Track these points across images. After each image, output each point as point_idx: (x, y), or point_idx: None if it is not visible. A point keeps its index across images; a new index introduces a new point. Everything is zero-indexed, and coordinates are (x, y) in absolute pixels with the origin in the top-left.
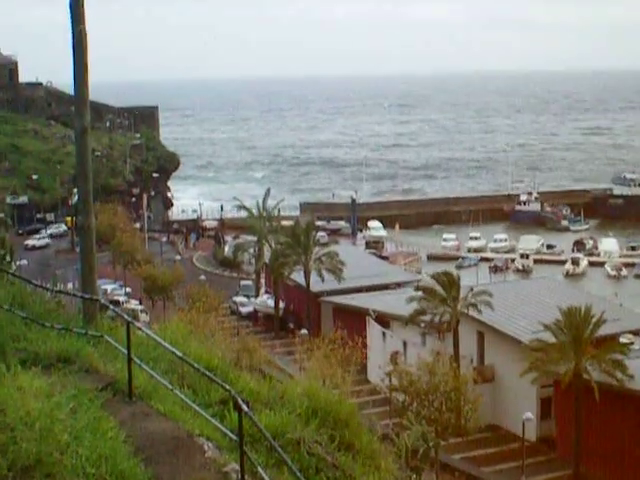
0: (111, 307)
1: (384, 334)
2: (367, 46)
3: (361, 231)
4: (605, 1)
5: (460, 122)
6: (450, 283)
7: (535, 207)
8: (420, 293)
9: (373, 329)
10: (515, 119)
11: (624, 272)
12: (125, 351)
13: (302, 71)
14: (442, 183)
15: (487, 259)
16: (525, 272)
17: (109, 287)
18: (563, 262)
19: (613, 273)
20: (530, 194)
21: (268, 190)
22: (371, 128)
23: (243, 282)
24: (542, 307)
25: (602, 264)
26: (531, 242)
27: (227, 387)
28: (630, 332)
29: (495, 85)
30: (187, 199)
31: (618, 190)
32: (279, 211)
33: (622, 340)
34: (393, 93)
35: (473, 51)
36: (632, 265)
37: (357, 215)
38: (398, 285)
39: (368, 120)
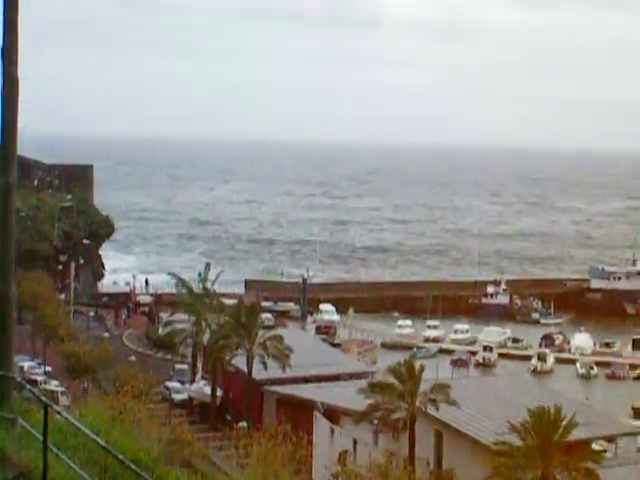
0: (28, 387)
1: (332, 430)
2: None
3: (311, 314)
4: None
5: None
6: (410, 375)
7: (503, 299)
8: (375, 387)
9: (320, 424)
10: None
11: (595, 371)
12: (41, 437)
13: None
14: (401, 266)
15: (447, 351)
16: (488, 367)
17: (26, 364)
18: (529, 357)
19: (582, 372)
20: (497, 284)
21: (208, 265)
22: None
23: (178, 366)
24: (508, 407)
25: (573, 361)
26: (494, 334)
27: None
28: (603, 438)
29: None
30: (120, 271)
31: (596, 283)
32: (214, 288)
33: (595, 447)
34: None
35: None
36: (607, 364)
37: (308, 297)
38: (350, 376)
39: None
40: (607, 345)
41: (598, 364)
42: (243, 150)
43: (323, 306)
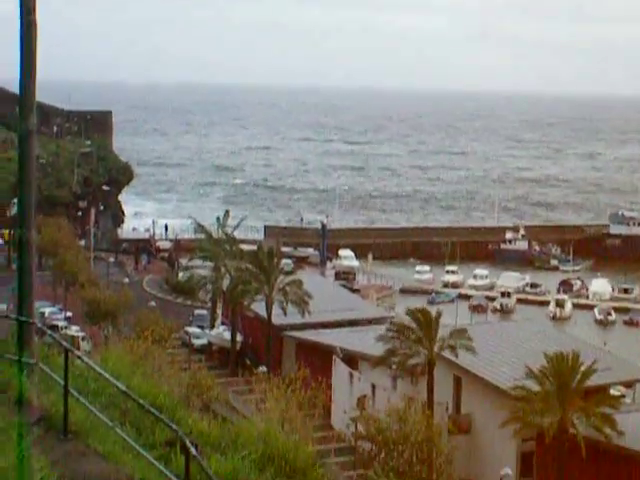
0: (49, 332)
1: (351, 375)
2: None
3: (331, 260)
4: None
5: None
6: (427, 322)
7: (522, 246)
8: (392, 332)
9: (339, 369)
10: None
11: (612, 317)
12: (62, 382)
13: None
14: (420, 213)
15: (465, 296)
16: (506, 312)
17: (47, 310)
18: (548, 303)
19: (600, 317)
20: (516, 230)
21: (227, 211)
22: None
23: (197, 311)
24: (527, 352)
25: (591, 307)
26: (512, 280)
27: (174, 427)
28: (622, 384)
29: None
30: (140, 217)
31: (615, 229)
32: (234, 234)
33: (612, 392)
34: (365, 111)
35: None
36: (625, 310)
37: (327, 242)
38: (369, 321)
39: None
40: (625, 291)
41: (616, 310)
42: (250, 95)
43: (342, 252)
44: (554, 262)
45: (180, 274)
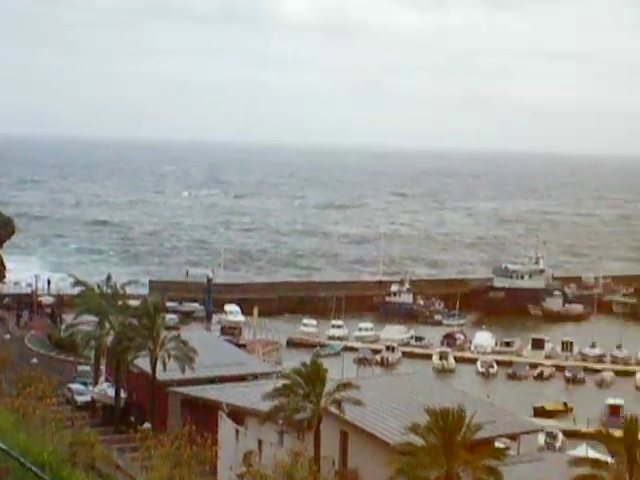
0: None
1: (237, 431)
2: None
3: (216, 315)
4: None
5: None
6: (315, 376)
7: (407, 299)
8: (280, 387)
9: (225, 425)
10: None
11: (494, 370)
12: None
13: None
14: (304, 268)
15: (351, 348)
16: (391, 365)
17: None
18: (431, 356)
19: (482, 370)
20: (402, 283)
21: (109, 275)
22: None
23: (80, 367)
24: (413, 406)
25: (474, 360)
26: (397, 333)
27: None
28: (506, 436)
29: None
30: (21, 271)
31: (499, 282)
32: (124, 288)
33: (497, 445)
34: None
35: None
36: (508, 363)
37: (213, 297)
38: (255, 377)
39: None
40: (507, 344)
41: (499, 363)
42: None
43: (228, 307)
44: (437, 317)
45: (63, 330)
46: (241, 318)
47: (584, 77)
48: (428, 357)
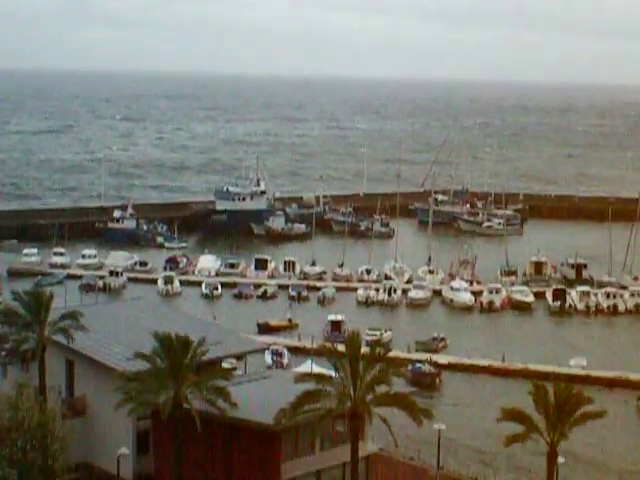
0: None
1: None
2: None
3: None
4: None
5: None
6: (38, 305)
7: (130, 224)
8: (1, 317)
9: None
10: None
11: (219, 291)
12: None
13: None
14: (27, 191)
15: (75, 276)
16: (116, 291)
17: None
18: (157, 280)
19: (206, 292)
20: (125, 209)
21: None
22: None
23: None
24: (139, 332)
25: (199, 283)
26: (121, 259)
27: None
28: (233, 356)
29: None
30: None
31: (221, 205)
32: None
33: (225, 365)
34: None
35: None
36: (233, 284)
37: None
38: None
39: None
40: (232, 266)
41: (224, 285)
42: None
43: None
44: (160, 239)
45: None
46: None
47: None
48: (153, 282)
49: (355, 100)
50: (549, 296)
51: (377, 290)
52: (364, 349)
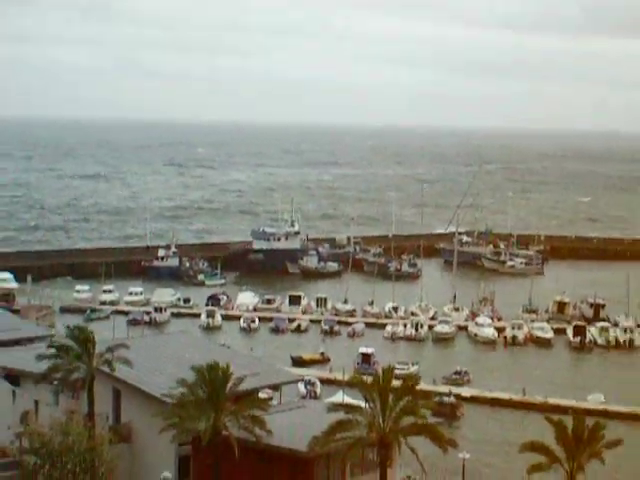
0: None
1: (14, 393)
2: None
3: None
4: None
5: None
6: (85, 338)
7: (173, 262)
8: (53, 349)
9: (1, 387)
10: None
11: (256, 324)
12: None
13: None
14: (77, 233)
15: (122, 312)
16: (160, 325)
17: None
18: (198, 315)
19: (244, 326)
20: (168, 248)
21: None
22: None
23: None
24: (181, 363)
25: (238, 318)
26: (165, 295)
27: None
28: (269, 387)
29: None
30: None
31: (258, 244)
32: None
33: (261, 395)
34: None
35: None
36: (269, 319)
37: None
38: (30, 340)
39: None
40: (268, 302)
41: (261, 319)
42: None
43: (0, 274)
44: (201, 277)
45: None
46: (14, 285)
47: None
48: (196, 316)
49: (383, 147)
50: (570, 332)
51: (405, 326)
52: (393, 381)
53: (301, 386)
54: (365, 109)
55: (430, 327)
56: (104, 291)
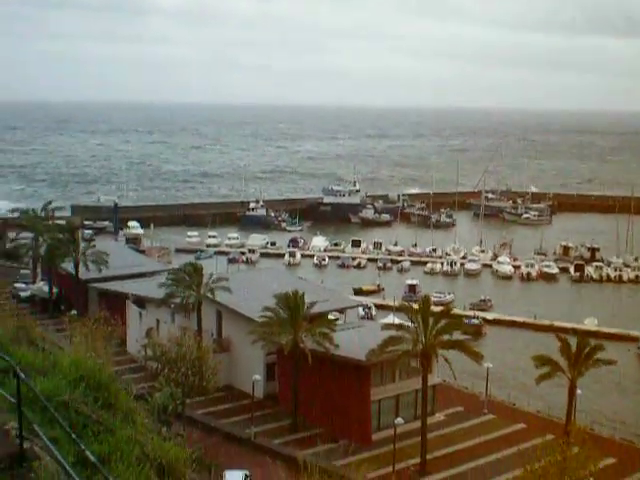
0: None
1: (140, 314)
2: None
3: (122, 229)
4: None
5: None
6: (195, 272)
7: (262, 212)
8: (170, 280)
9: (131, 310)
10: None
11: (326, 262)
12: None
13: None
14: (191, 189)
15: (223, 252)
16: (253, 263)
17: None
18: (282, 255)
19: (317, 262)
20: (257, 202)
21: (49, 202)
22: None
23: (22, 271)
24: (268, 291)
25: (312, 257)
26: (257, 240)
27: (6, 358)
28: (336, 310)
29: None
30: None
31: (327, 199)
32: (53, 211)
33: (330, 316)
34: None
35: None
36: (336, 258)
37: (119, 216)
38: (152, 273)
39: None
40: (336, 244)
41: (330, 257)
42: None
43: (130, 223)
44: (283, 225)
45: (7, 244)
46: (140, 231)
47: None
48: (280, 256)
49: (425, 124)
50: (572, 270)
51: (441, 264)
52: (432, 307)
53: (360, 310)
54: (414, 93)
55: (461, 265)
56: (209, 236)
